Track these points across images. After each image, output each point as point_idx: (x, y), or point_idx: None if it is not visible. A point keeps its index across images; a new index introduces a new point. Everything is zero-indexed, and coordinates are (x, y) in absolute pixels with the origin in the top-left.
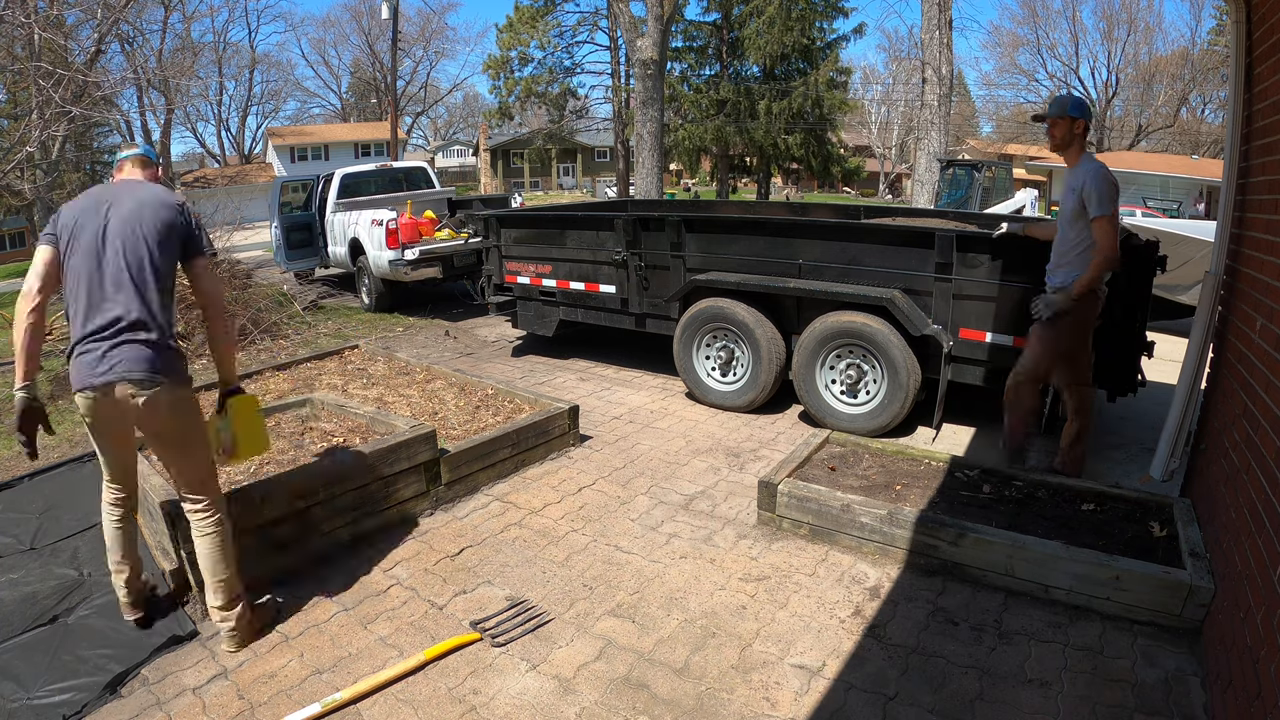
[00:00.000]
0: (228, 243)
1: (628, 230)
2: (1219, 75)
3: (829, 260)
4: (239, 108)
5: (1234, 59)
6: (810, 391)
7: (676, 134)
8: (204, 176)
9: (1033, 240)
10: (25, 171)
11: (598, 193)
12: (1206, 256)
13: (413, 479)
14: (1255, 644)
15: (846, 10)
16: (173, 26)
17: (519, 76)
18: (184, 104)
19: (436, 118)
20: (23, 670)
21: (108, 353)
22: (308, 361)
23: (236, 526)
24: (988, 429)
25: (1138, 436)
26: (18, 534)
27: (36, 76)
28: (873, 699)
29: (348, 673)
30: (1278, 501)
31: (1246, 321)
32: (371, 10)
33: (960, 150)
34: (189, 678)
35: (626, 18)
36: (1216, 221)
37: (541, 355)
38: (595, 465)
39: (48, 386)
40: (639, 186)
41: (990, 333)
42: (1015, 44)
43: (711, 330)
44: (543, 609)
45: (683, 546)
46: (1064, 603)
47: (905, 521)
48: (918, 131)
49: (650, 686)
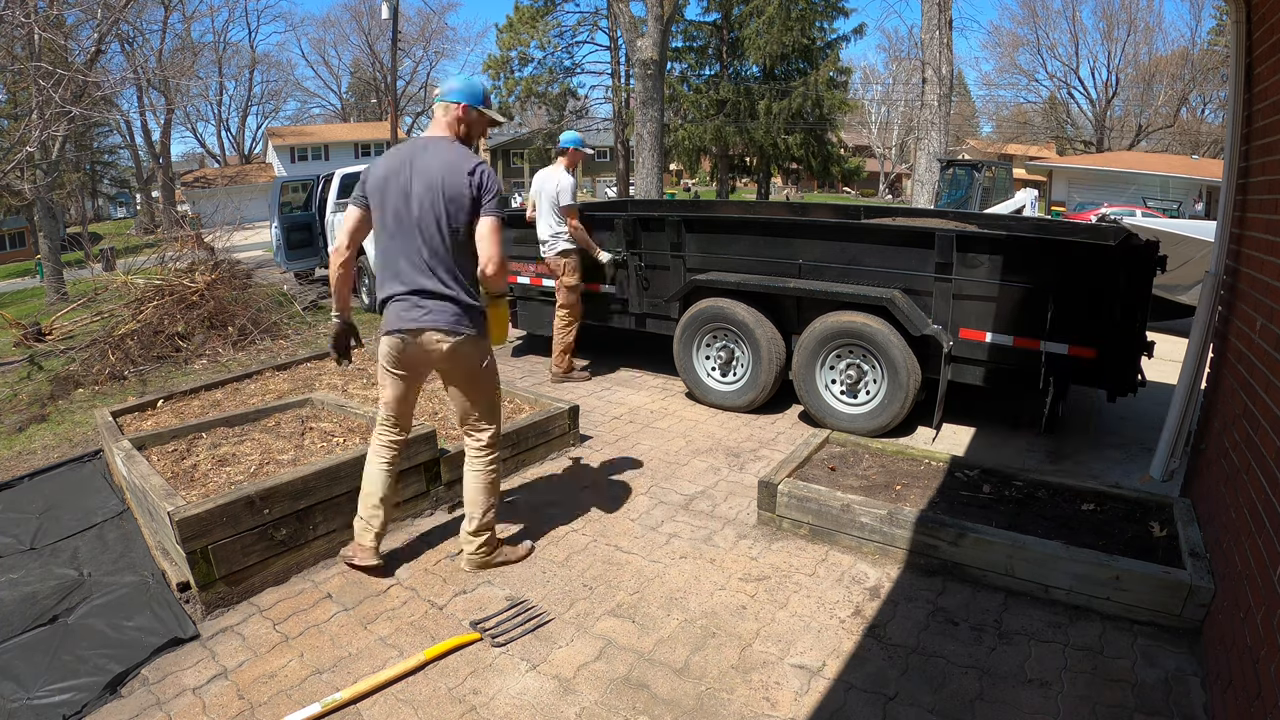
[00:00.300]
0: (228, 243)
1: (628, 230)
2: (1219, 75)
3: (829, 260)
4: (239, 108)
5: (1234, 59)
6: (810, 391)
7: (676, 134)
8: (204, 176)
9: (1033, 240)
10: (25, 171)
11: (598, 193)
12: (1206, 256)
13: (413, 479)
14: (1255, 644)
15: (846, 10)
16: (173, 26)
17: (519, 76)
18: (184, 104)
19: None
20: (23, 670)
21: (418, 304)
22: (308, 361)
23: (238, 526)
24: (988, 429)
25: (1138, 436)
26: (18, 534)
27: (36, 76)
28: (873, 699)
29: (348, 673)
30: (1278, 501)
31: (1246, 321)
32: (371, 10)
33: (960, 150)
34: (189, 678)
35: (626, 18)
36: (1216, 221)
37: (541, 355)
38: (595, 465)
39: (48, 387)
40: (639, 186)
41: (990, 333)
42: (1015, 44)
43: (711, 330)
44: (543, 609)
45: (683, 546)
46: (1064, 603)
47: (905, 521)
48: (918, 131)
49: (650, 686)
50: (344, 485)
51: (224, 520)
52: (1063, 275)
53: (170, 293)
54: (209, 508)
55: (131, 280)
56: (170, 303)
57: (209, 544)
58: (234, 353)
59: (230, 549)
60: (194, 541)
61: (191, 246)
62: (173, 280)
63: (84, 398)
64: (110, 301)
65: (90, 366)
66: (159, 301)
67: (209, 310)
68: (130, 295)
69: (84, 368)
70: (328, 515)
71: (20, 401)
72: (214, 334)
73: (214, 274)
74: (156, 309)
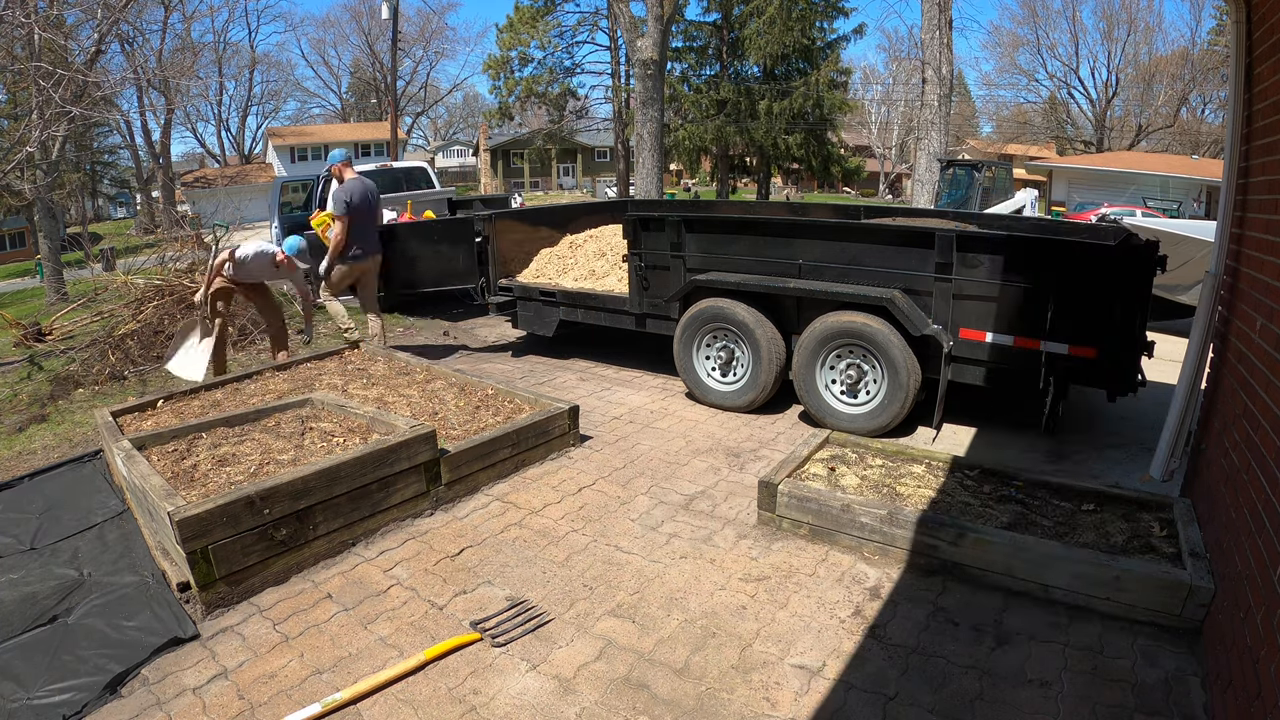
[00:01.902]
0: (228, 243)
1: (628, 230)
2: (1219, 75)
3: (829, 260)
4: (239, 108)
5: (1234, 59)
6: (810, 391)
7: (676, 134)
8: (204, 176)
9: (1033, 240)
10: (25, 171)
11: (598, 193)
12: (1206, 256)
13: (413, 479)
14: (1255, 644)
15: (846, 10)
16: (173, 26)
17: (519, 77)
18: (184, 104)
19: (436, 118)
20: (23, 670)
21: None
22: (308, 361)
23: (238, 526)
24: (988, 429)
25: (1138, 436)
26: (18, 534)
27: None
28: (873, 699)
29: (348, 673)
30: (1278, 501)
31: (1246, 321)
32: (371, 10)
33: (960, 150)
34: (189, 678)
35: (626, 18)
36: (1216, 221)
37: (541, 355)
38: (595, 465)
39: (48, 387)
40: (639, 186)
41: (990, 333)
42: (1015, 44)
43: (712, 330)
44: (543, 609)
45: (683, 546)
46: (1064, 603)
47: (905, 521)
48: (918, 131)
49: (650, 687)
50: (344, 485)
51: (224, 520)
52: (1063, 275)
53: (170, 293)
54: (209, 508)
55: (131, 280)
56: (170, 303)
57: (209, 544)
58: (234, 353)
59: (230, 549)
60: (194, 541)
61: (191, 246)
62: (173, 280)
63: (84, 398)
64: (110, 301)
65: (90, 366)
66: (159, 301)
67: None
68: (130, 295)
69: (84, 368)
70: (328, 515)
71: (20, 401)
72: None
73: None
74: (157, 309)
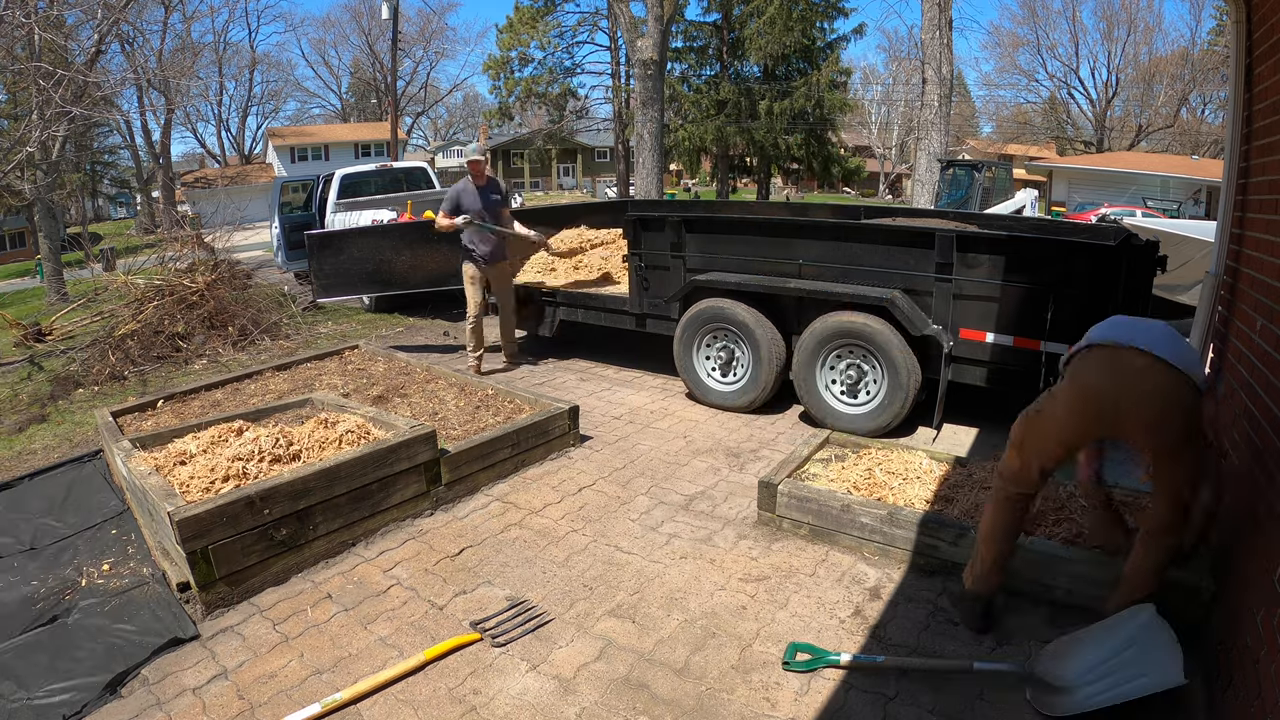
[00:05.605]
0: (228, 243)
1: (628, 230)
2: (1219, 75)
3: (829, 260)
4: (239, 108)
5: (1234, 59)
6: (810, 392)
7: (676, 134)
8: (204, 177)
9: (1033, 240)
10: (25, 171)
11: (598, 193)
12: (1206, 256)
13: (413, 479)
14: (1255, 644)
15: (846, 10)
16: (173, 26)
17: (519, 77)
18: (184, 104)
19: (436, 118)
20: (23, 670)
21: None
22: (308, 361)
23: (238, 526)
24: (988, 429)
25: None
26: (18, 534)
27: (36, 76)
28: (873, 699)
29: (348, 673)
30: (1278, 502)
31: (1246, 321)
32: (371, 10)
33: (960, 150)
34: (189, 678)
35: (626, 18)
36: (1216, 221)
37: (541, 355)
38: (595, 465)
39: (48, 387)
40: (639, 187)
41: (991, 333)
42: (1015, 44)
43: (712, 330)
44: (543, 609)
45: (683, 547)
46: (1065, 603)
47: (905, 522)
48: (918, 132)
49: (650, 687)
50: (344, 485)
51: (224, 520)
52: (1063, 276)
53: (170, 293)
54: (209, 508)
55: (131, 280)
56: (170, 303)
57: (209, 544)
58: (234, 353)
59: (230, 549)
60: (194, 542)
61: (191, 247)
62: (173, 280)
63: (84, 398)
64: (110, 302)
65: (90, 367)
66: (159, 302)
67: (209, 310)
68: (130, 295)
69: (84, 368)
70: (328, 515)
71: (20, 401)
72: (214, 334)
73: (214, 274)
74: (157, 309)
